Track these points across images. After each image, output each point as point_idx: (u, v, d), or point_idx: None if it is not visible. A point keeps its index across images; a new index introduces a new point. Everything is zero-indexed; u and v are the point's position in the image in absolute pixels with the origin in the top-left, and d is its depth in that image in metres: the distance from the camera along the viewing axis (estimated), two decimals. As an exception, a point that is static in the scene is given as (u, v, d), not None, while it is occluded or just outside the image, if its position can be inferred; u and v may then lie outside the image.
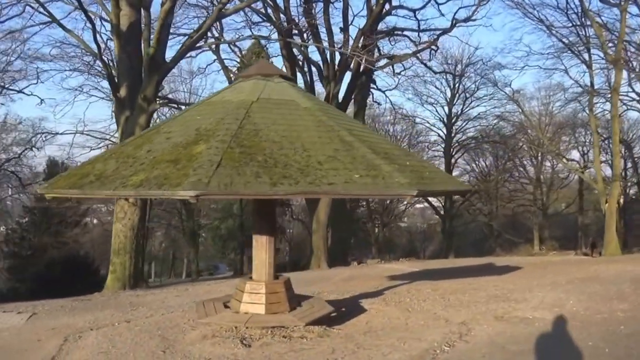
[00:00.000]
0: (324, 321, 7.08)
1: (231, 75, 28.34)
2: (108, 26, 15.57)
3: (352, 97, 25.42)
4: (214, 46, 26.95)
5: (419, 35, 25.18)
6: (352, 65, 20.83)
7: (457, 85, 36.61)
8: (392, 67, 26.67)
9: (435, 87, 37.55)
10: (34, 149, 27.64)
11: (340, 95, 22.84)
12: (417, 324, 7.09)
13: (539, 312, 7.59)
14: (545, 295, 8.88)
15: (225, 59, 28.59)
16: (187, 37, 22.17)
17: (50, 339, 7.08)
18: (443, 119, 38.37)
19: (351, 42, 21.46)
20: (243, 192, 4.72)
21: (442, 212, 39.57)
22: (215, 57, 27.46)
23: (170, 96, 30.15)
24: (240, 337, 6.51)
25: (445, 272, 14.29)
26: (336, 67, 21.52)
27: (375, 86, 27.41)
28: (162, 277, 49.91)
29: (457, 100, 37.33)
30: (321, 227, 21.92)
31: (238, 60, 28.18)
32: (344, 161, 5.36)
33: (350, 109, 24.69)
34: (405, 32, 25.31)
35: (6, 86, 21.00)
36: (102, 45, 17.54)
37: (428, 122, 41.87)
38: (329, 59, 21.66)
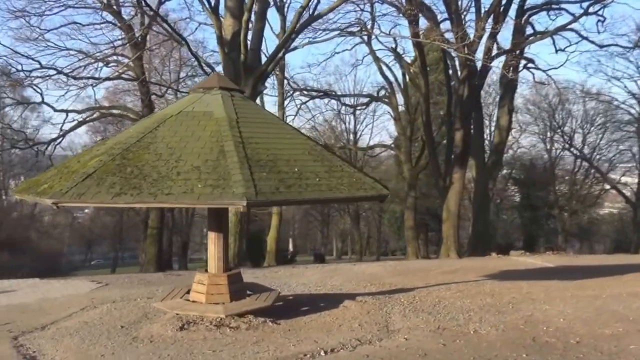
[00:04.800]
0: (274, 314, 7.51)
1: (381, 64, 28.76)
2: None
3: (499, 79, 23.79)
4: (366, 38, 27.79)
5: (581, 6, 22.17)
6: (483, 48, 19.46)
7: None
8: (554, 43, 24.05)
9: (629, 60, 31.96)
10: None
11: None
12: (351, 327, 7.02)
13: (497, 327, 6.81)
14: (552, 308, 7.79)
15: (379, 49, 29.04)
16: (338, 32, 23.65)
17: (76, 307, 8.88)
18: (637, 94, 32.54)
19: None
20: (89, 201, 5.56)
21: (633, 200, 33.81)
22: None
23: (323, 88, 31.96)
24: (185, 322, 7.33)
25: (552, 272, 12.91)
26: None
27: (534, 65, 25.09)
28: (355, 254, 53.29)
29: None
30: (451, 216, 21.16)
31: (391, 50, 28.28)
32: (204, 171, 5.79)
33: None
34: (563, 5, 22.56)
35: (180, 90, 25.00)
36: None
37: (617, 100, 35.75)
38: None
